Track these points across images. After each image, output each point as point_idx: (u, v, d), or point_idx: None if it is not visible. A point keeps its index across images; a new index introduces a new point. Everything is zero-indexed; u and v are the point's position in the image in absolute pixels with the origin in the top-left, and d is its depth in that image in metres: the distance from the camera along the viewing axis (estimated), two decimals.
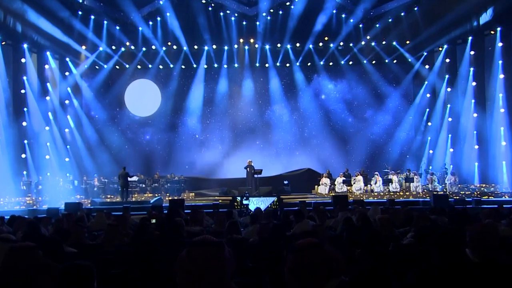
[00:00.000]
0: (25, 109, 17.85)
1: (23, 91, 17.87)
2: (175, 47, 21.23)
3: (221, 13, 20.71)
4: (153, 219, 7.50)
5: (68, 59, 20.13)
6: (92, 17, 19.47)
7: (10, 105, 17.33)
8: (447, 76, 19.97)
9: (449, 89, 19.94)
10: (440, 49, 20.21)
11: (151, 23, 20.63)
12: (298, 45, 21.40)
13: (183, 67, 22.00)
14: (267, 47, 21.51)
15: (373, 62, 21.67)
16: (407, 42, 20.64)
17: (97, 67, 21.36)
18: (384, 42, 20.98)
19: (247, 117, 22.27)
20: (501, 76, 17.53)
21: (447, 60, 19.98)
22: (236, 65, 22.09)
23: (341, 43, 21.12)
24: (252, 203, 14.26)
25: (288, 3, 20.41)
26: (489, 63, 18.10)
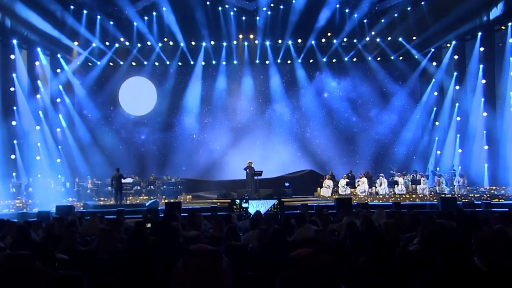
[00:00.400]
0: (14, 108, 17.83)
1: (12, 89, 17.83)
2: (171, 43, 21.22)
3: (219, 8, 20.69)
4: (148, 223, 7.53)
5: (59, 55, 20.10)
6: (85, 11, 19.44)
7: None
8: (455, 73, 19.96)
9: (457, 87, 19.93)
10: (448, 45, 20.20)
11: (146, 18, 20.60)
12: (300, 41, 21.39)
13: (180, 64, 22.00)
14: (268, 43, 21.50)
15: (378, 59, 21.66)
16: (414, 38, 20.62)
17: (90, 64, 21.34)
18: (389, 38, 20.96)
19: (247, 116, 22.27)
20: None
21: (456, 57, 19.97)
22: (235, 62, 22.08)
23: (345, 39, 21.10)
24: (252, 206, 14.29)
25: None
26: (499, 60, 18.07)
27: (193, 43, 21.30)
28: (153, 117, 22.22)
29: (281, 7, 20.46)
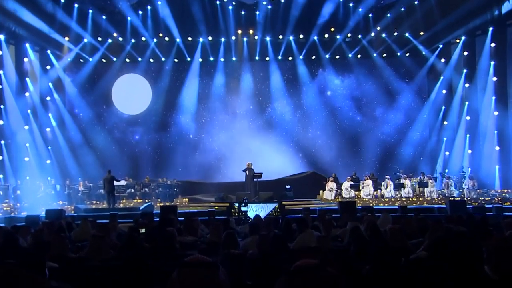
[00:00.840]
0: (1, 107, 17.83)
1: None
2: (167, 38, 21.23)
3: (217, 2, 20.70)
4: (142, 229, 7.51)
5: (49, 51, 20.10)
6: (76, 5, 19.48)
7: None
8: (465, 70, 19.97)
9: (467, 84, 19.94)
10: (458, 40, 20.21)
11: (140, 12, 20.62)
12: (301, 36, 21.41)
13: (176, 60, 22.01)
14: (268, 38, 21.51)
15: (384, 55, 21.69)
16: (421, 33, 20.63)
17: (81, 60, 21.34)
18: (395, 34, 20.99)
19: (246, 115, 22.27)
20: None
21: (465, 53, 19.97)
22: (234, 58, 22.09)
23: (349, 35, 21.14)
24: (251, 209, 14.28)
25: None
26: (511, 56, 18.11)
27: (189, 38, 21.29)
28: (147, 116, 22.22)
29: (282, 1, 20.48)
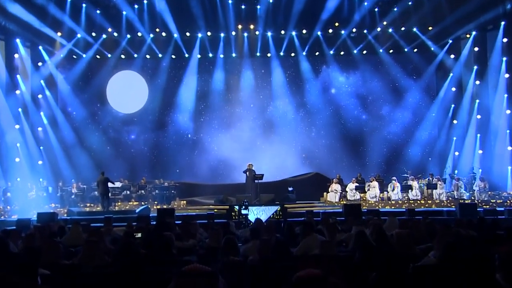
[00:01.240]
0: None
1: None
2: (164, 34, 21.20)
3: None
4: (138, 233, 7.52)
5: (41, 47, 20.08)
6: None
7: None
8: (475, 67, 19.96)
9: (478, 81, 19.92)
10: (468, 36, 20.18)
11: (136, 6, 20.55)
12: (304, 32, 21.37)
13: (173, 57, 22.01)
14: (269, 34, 21.47)
15: (391, 51, 21.66)
16: (430, 28, 20.60)
17: (74, 56, 21.35)
18: (403, 29, 20.95)
19: (247, 114, 22.27)
20: None
21: (476, 49, 19.96)
22: (234, 54, 22.08)
23: (354, 30, 21.08)
24: (252, 213, 14.30)
25: None
26: None
27: (187, 34, 21.27)
28: (144, 115, 22.22)
29: None
